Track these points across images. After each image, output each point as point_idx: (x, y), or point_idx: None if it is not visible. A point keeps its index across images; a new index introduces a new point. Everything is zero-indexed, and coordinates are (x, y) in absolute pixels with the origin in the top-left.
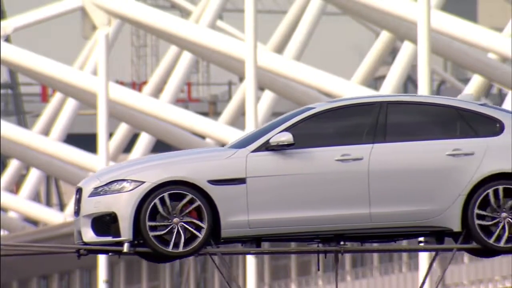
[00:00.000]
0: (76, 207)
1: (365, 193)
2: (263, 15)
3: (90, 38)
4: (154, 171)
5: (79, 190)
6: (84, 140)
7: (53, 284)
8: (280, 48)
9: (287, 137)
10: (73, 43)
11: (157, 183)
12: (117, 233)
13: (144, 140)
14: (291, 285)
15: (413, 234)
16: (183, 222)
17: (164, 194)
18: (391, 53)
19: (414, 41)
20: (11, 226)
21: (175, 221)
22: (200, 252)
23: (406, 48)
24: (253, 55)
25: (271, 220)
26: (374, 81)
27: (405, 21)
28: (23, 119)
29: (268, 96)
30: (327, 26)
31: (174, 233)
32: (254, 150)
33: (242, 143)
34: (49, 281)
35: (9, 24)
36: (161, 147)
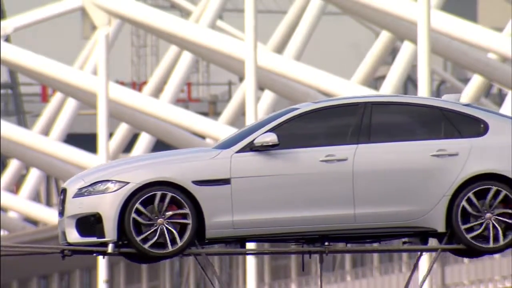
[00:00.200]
0: (61, 208)
1: (350, 194)
2: (263, 15)
3: (90, 38)
4: (139, 172)
5: (64, 191)
6: (84, 140)
7: (53, 284)
8: (280, 48)
9: (272, 138)
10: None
11: (142, 184)
12: (102, 234)
13: (144, 140)
14: (291, 285)
15: (398, 235)
16: (168, 223)
17: (149, 195)
18: (391, 53)
19: (414, 41)
20: (11, 226)
21: (160, 222)
22: (185, 253)
23: (406, 48)
24: (253, 55)
25: (256, 221)
26: (374, 81)
27: (405, 21)
28: (23, 119)
29: (268, 96)
30: (327, 26)
31: (158, 234)
32: (239, 151)
33: (227, 144)
34: (49, 281)
35: (9, 24)
36: (161, 147)
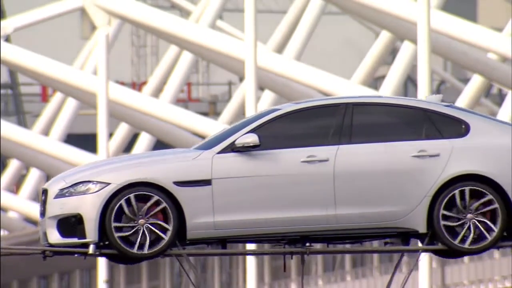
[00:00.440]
0: (42, 209)
1: (331, 195)
2: (263, 15)
3: (90, 38)
4: (120, 173)
5: (45, 192)
6: (84, 140)
7: (53, 284)
8: (280, 48)
9: (253, 139)
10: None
11: (123, 185)
12: (83, 235)
13: (144, 140)
14: (291, 285)
15: (379, 236)
16: (149, 224)
17: (130, 196)
18: (391, 53)
19: (414, 41)
20: (11, 226)
21: (141, 223)
22: (166, 253)
23: (406, 48)
24: (253, 55)
25: (237, 222)
26: (374, 81)
27: (405, 21)
28: (23, 119)
29: (268, 96)
30: (327, 26)
31: (140, 235)
32: (220, 152)
33: (209, 144)
34: (49, 281)
35: (9, 24)
36: (161, 147)
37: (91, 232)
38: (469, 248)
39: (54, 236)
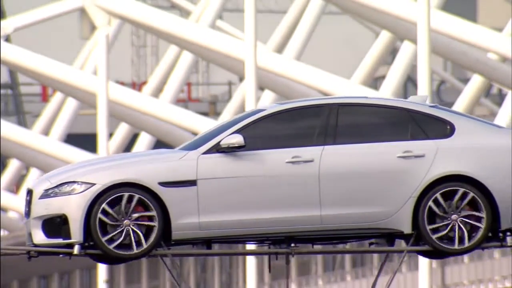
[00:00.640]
0: (27, 209)
1: (316, 195)
2: (263, 15)
3: (89, 38)
4: (105, 173)
5: (30, 192)
6: (84, 140)
7: (53, 284)
8: (280, 48)
9: (238, 139)
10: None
11: (108, 185)
12: (68, 235)
13: (144, 140)
14: (291, 285)
15: (364, 236)
16: (134, 224)
17: (115, 196)
18: (391, 53)
19: (414, 41)
20: (11, 226)
21: (126, 223)
22: (151, 254)
23: (406, 48)
24: (253, 55)
25: (222, 222)
26: (374, 81)
27: (405, 21)
28: (23, 119)
29: (268, 96)
30: (327, 26)
31: (123, 235)
32: (205, 152)
33: (194, 145)
34: (49, 281)
35: (9, 24)
36: (161, 147)
37: (76, 233)
38: (454, 249)
39: (39, 237)
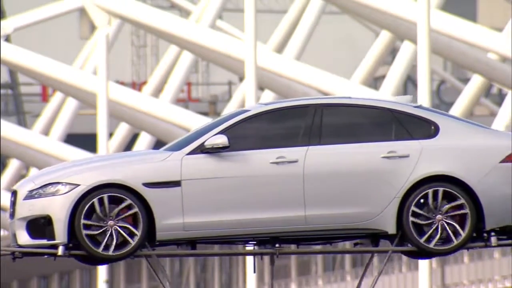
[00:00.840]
0: (11, 210)
1: (300, 196)
2: (264, 15)
3: (88, 38)
4: (89, 174)
5: (14, 193)
6: (84, 140)
7: (53, 284)
8: (280, 48)
9: (222, 140)
10: (73, 43)
11: (92, 186)
12: (52, 236)
13: (144, 140)
14: (291, 285)
15: (349, 237)
16: (118, 226)
17: (99, 197)
18: (391, 53)
19: (414, 41)
20: None
21: (110, 224)
22: (136, 254)
23: (406, 48)
24: (253, 55)
25: (206, 223)
26: (374, 81)
27: (405, 21)
28: (23, 119)
29: (268, 96)
30: (328, 26)
31: (107, 236)
32: (189, 153)
33: (178, 146)
34: (49, 281)
35: (9, 24)
36: (161, 147)
37: (60, 234)
38: (438, 249)
39: (24, 238)
